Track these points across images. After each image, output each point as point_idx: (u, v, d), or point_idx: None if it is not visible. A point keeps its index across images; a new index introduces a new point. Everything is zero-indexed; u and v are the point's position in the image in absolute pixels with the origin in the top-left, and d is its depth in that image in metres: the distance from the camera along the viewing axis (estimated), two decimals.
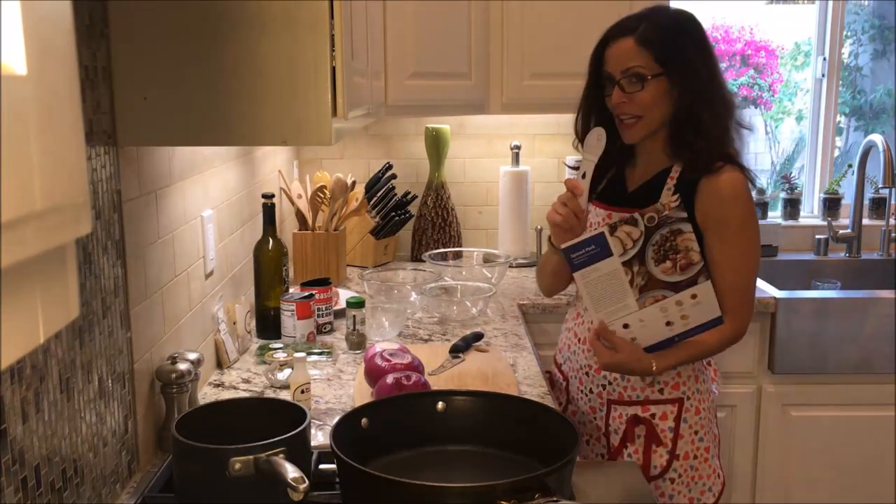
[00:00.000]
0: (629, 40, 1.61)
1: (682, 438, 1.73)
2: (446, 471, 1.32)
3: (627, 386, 1.74)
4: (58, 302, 0.51)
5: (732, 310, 1.65)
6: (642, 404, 1.74)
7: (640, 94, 1.61)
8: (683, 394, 1.73)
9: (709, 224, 1.63)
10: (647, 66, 1.60)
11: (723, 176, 1.61)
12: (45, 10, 0.47)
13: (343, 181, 2.70)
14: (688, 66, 1.61)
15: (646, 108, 1.62)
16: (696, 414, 1.74)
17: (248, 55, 1.32)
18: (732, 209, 1.62)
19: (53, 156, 0.48)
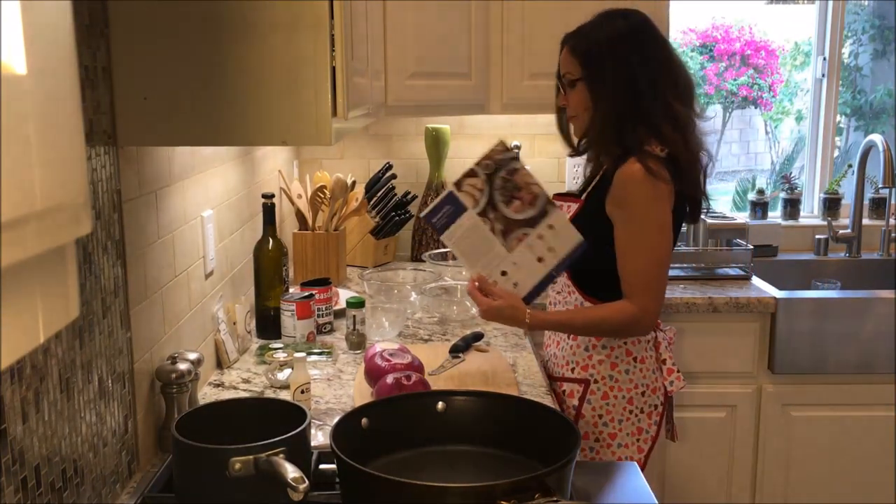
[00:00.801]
0: (566, 49, 1.82)
1: (582, 418, 1.84)
2: (446, 471, 1.32)
3: (556, 363, 1.92)
4: (58, 302, 0.51)
5: (634, 292, 1.73)
6: (559, 380, 1.90)
7: (571, 96, 1.81)
8: (591, 376, 1.84)
9: (613, 213, 1.75)
10: (574, 73, 1.79)
11: (625, 167, 1.71)
12: (45, 10, 0.47)
13: (343, 181, 2.70)
14: (600, 71, 1.75)
15: (577, 108, 1.81)
16: (602, 399, 1.83)
17: (249, 55, 1.32)
18: (629, 195, 1.71)
19: (53, 156, 0.48)
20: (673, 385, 1.87)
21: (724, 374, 2.62)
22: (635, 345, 1.84)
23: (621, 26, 1.78)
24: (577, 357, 1.86)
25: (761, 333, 2.62)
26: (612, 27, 1.78)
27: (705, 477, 2.65)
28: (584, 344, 1.86)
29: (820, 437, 2.66)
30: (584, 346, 1.86)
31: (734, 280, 2.78)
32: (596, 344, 1.84)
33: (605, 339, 1.83)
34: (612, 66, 1.74)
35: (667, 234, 1.75)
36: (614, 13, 1.81)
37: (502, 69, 2.69)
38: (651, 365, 1.86)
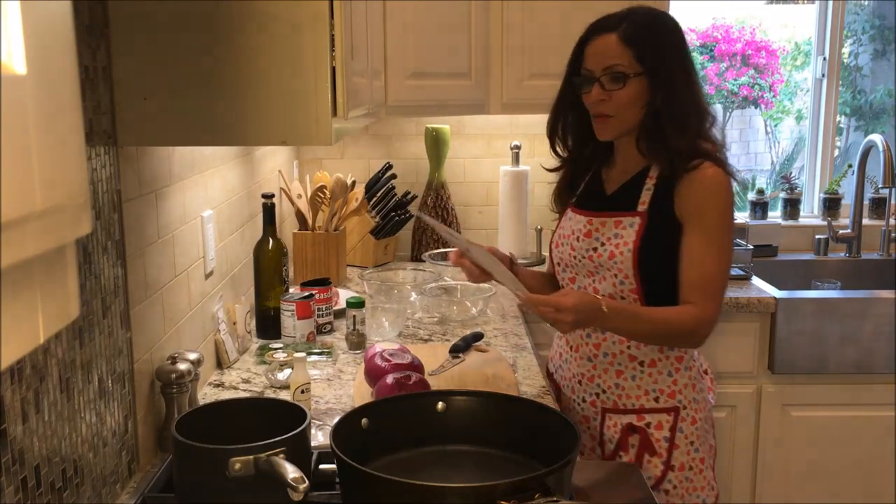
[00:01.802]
0: (612, 37, 1.60)
1: (677, 448, 1.68)
2: (446, 471, 1.32)
3: (622, 394, 1.70)
4: (58, 302, 0.51)
5: (698, 299, 1.59)
6: (637, 413, 1.69)
7: (620, 93, 1.60)
8: (679, 402, 1.69)
9: (686, 217, 1.61)
10: (628, 65, 1.59)
11: (702, 171, 1.59)
12: (45, 10, 0.47)
13: (343, 181, 2.70)
14: (666, 65, 1.60)
15: (622, 107, 1.61)
16: (692, 424, 1.69)
17: (249, 55, 1.32)
18: (710, 202, 1.60)
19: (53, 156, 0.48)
20: (714, 396, 1.81)
21: (724, 374, 2.62)
22: (698, 359, 1.75)
23: (662, 14, 1.67)
24: (660, 384, 1.68)
25: (761, 333, 2.62)
26: (657, 15, 1.66)
27: None
28: (666, 368, 1.68)
29: (820, 437, 2.66)
30: (667, 370, 1.68)
31: (734, 280, 2.77)
32: (679, 366, 1.69)
33: (685, 361, 1.69)
34: (675, 59, 1.61)
35: (733, 243, 1.66)
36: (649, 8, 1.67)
37: (502, 69, 2.69)
38: (706, 379, 1.79)
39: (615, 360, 1.71)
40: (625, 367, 1.70)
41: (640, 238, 1.62)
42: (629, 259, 1.62)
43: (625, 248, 1.63)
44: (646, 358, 1.68)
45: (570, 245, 1.73)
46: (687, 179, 1.60)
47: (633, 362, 1.69)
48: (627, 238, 1.64)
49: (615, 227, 1.66)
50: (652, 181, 1.65)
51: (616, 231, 1.66)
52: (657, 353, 1.68)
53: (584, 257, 1.70)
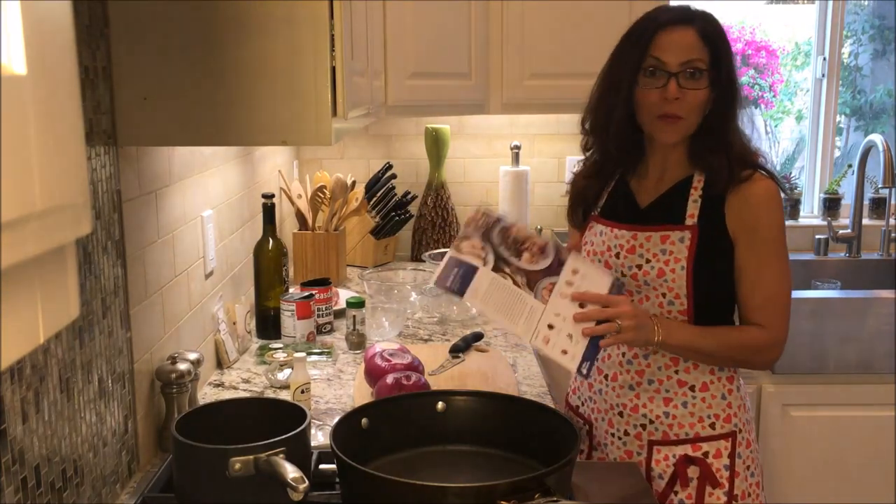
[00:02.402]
0: (691, 31, 1.46)
1: (738, 476, 1.55)
2: (446, 471, 1.32)
3: (674, 423, 1.55)
4: (58, 302, 0.51)
5: (767, 321, 1.51)
6: (692, 442, 1.55)
7: (696, 93, 1.46)
8: (736, 426, 1.56)
9: (741, 234, 1.51)
10: (705, 62, 1.46)
11: (755, 184, 1.50)
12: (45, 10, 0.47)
13: (343, 181, 2.70)
14: (728, 70, 1.50)
15: (694, 108, 1.48)
16: (747, 447, 1.58)
17: (248, 55, 1.32)
18: (767, 217, 1.52)
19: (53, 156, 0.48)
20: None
21: None
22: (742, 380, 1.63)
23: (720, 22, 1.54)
24: (714, 409, 1.55)
25: None
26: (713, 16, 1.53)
27: None
28: (719, 391, 1.56)
29: (820, 437, 2.66)
30: (720, 393, 1.56)
31: None
32: (731, 388, 1.57)
33: (737, 380, 1.59)
34: (731, 60, 1.51)
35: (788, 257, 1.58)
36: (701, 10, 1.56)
37: (502, 69, 2.69)
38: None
39: (662, 387, 1.56)
40: (674, 394, 1.55)
41: (694, 254, 1.50)
42: (682, 277, 1.50)
43: (676, 265, 1.51)
44: (697, 382, 1.55)
45: (606, 262, 1.58)
46: (738, 192, 1.50)
47: (683, 388, 1.55)
48: (679, 254, 1.51)
49: (661, 241, 1.52)
50: (697, 192, 1.53)
51: (663, 246, 1.52)
52: (708, 376, 1.56)
53: (627, 275, 1.55)
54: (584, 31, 2.56)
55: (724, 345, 1.52)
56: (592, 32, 1.72)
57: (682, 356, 1.54)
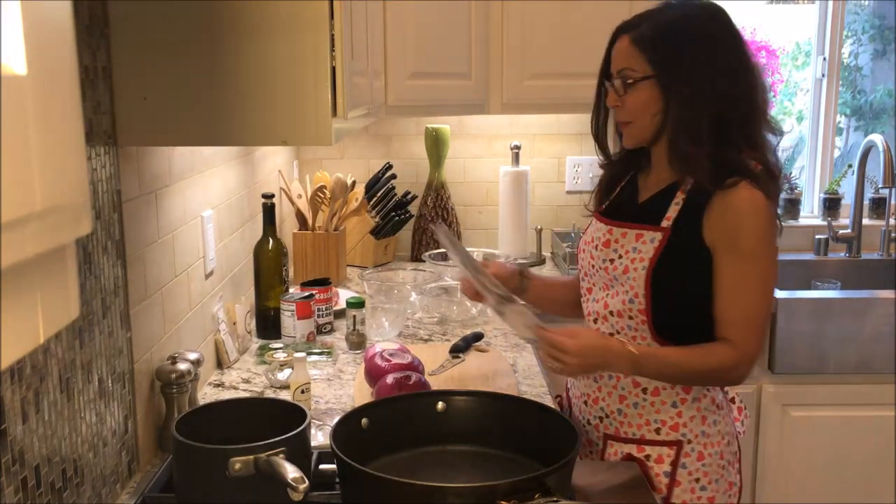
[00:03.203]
0: (625, 39, 1.51)
1: (678, 486, 1.53)
2: (446, 471, 1.32)
3: (624, 421, 1.57)
4: (58, 302, 0.51)
5: (739, 336, 1.47)
6: (638, 443, 1.56)
7: (629, 97, 1.50)
8: (684, 436, 1.54)
9: (718, 245, 1.46)
10: (637, 68, 1.48)
11: (738, 192, 1.44)
12: (45, 10, 0.47)
13: (343, 181, 2.70)
14: (683, 69, 1.46)
15: (634, 112, 1.51)
16: (698, 459, 1.54)
17: (248, 55, 1.32)
18: (747, 229, 1.45)
19: (53, 156, 0.48)
20: (743, 425, 1.67)
21: None
22: (715, 390, 1.59)
23: (699, 13, 1.51)
24: (662, 415, 1.54)
25: None
26: (689, 13, 1.51)
27: None
28: (670, 399, 1.54)
29: (820, 437, 2.66)
30: (671, 401, 1.54)
31: None
32: (686, 397, 1.54)
33: (695, 391, 1.55)
34: (694, 60, 1.46)
35: (776, 272, 1.51)
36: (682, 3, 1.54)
37: (502, 69, 2.69)
38: (727, 408, 1.62)
39: (619, 384, 1.58)
40: (628, 393, 1.57)
41: (658, 256, 1.49)
42: (642, 277, 1.50)
43: (640, 264, 1.51)
44: (650, 385, 1.55)
45: (590, 254, 1.62)
46: (719, 200, 1.45)
47: (637, 388, 1.56)
48: (645, 254, 1.51)
49: (636, 240, 1.53)
50: (682, 196, 1.51)
51: (636, 245, 1.53)
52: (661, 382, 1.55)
53: (601, 268, 1.58)
54: (584, 31, 2.55)
55: (690, 371, 1.50)
56: (592, 32, 1.71)
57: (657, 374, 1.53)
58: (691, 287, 1.50)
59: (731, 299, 1.47)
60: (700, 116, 1.46)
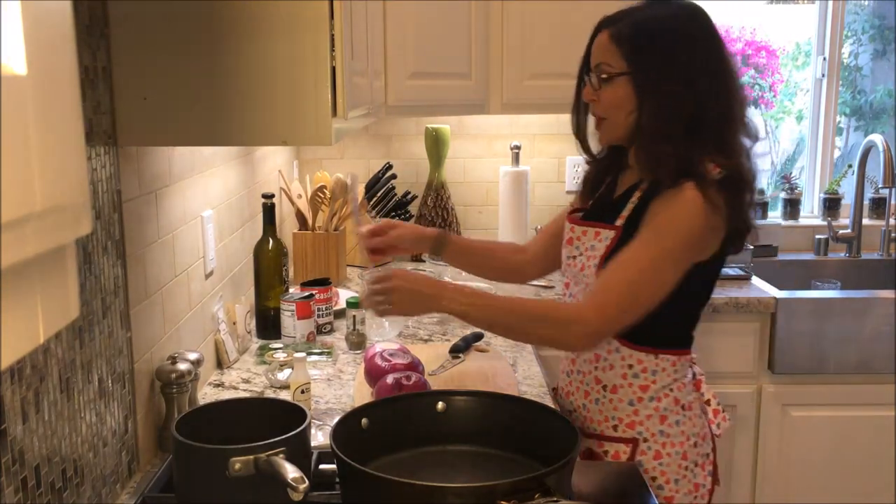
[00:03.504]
0: (605, 34, 1.50)
1: None
2: (446, 471, 1.32)
3: (587, 416, 1.61)
4: (58, 302, 0.51)
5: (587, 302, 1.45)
6: (598, 439, 1.60)
7: (605, 93, 1.50)
8: (640, 434, 1.56)
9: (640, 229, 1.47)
10: (614, 64, 1.48)
11: (680, 191, 1.43)
12: (45, 10, 0.47)
13: (343, 181, 2.70)
14: (659, 68, 1.45)
15: (609, 108, 1.51)
16: (655, 458, 1.56)
17: (249, 55, 1.32)
18: (665, 213, 1.44)
19: (53, 156, 0.48)
20: (720, 427, 1.66)
21: (724, 374, 2.62)
22: (681, 391, 1.58)
23: (680, 12, 1.50)
24: (619, 413, 1.57)
25: (761, 333, 2.62)
26: (667, 12, 1.50)
27: None
28: (627, 397, 1.57)
29: (820, 437, 2.66)
30: (628, 399, 1.57)
31: (734, 280, 2.77)
32: (642, 397, 1.56)
33: (652, 390, 1.56)
34: (672, 60, 1.45)
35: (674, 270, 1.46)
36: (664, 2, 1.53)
37: (502, 69, 2.69)
38: (697, 409, 1.61)
39: (584, 381, 1.63)
40: (591, 389, 1.61)
41: (607, 254, 1.51)
42: (592, 275, 1.53)
43: (593, 262, 1.54)
44: (609, 383, 1.58)
45: (562, 251, 1.67)
46: (662, 197, 1.46)
47: (598, 385, 1.60)
48: (598, 252, 1.54)
49: (594, 238, 1.56)
50: (639, 195, 1.52)
51: (593, 243, 1.56)
52: (620, 380, 1.57)
53: (567, 265, 1.64)
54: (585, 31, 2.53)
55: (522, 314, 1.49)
56: None
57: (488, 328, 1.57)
58: None
59: (609, 268, 1.47)
60: (673, 117, 1.45)
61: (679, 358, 1.59)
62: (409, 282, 1.49)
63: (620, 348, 1.57)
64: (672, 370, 1.58)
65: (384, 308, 1.50)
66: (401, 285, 1.48)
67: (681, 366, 1.59)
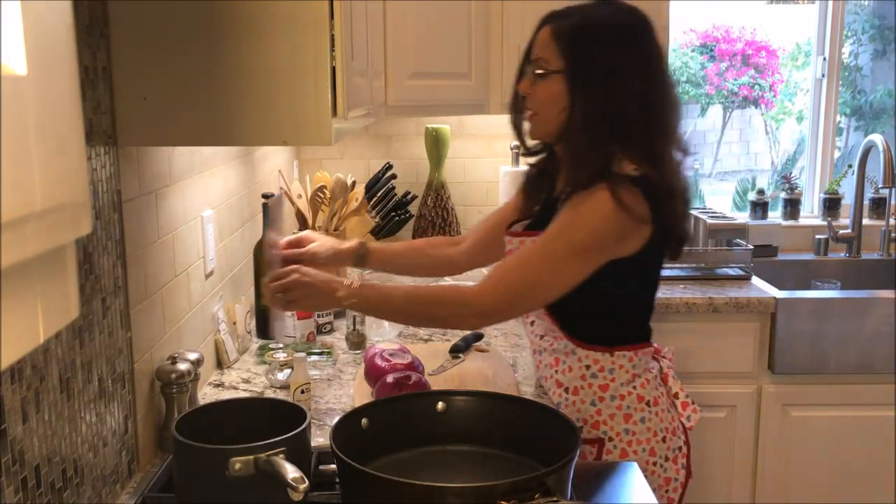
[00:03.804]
0: (547, 29, 1.52)
1: None
2: (446, 471, 1.32)
3: None
4: (58, 302, 0.51)
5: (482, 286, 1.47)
6: None
7: (538, 88, 1.51)
8: (605, 434, 1.57)
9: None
10: (551, 61, 1.49)
11: (591, 193, 1.44)
12: (45, 10, 0.47)
13: (343, 181, 2.70)
14: (593, 71, 1.46)
15: (542, 104, 1.51)
16: (621, 457, 1.57)
17: (249, 55, 1.32)
18: (568, 213, 1.46)
19: (53, 156, 0.48)
20: (690, 420, 1.66)
21: (724, 374, 2.62)
22: (644, 387, 1.59)
23: (623, 18, 1.51)
24: (583, 414, 1.58)
25: (761, 333, 2.62)
26: (612, 16, 1.51)
27: (705, 477, 2.65)
28: (589, 398, 1.58)
29: (820, 437, 2.66)
30: (590, 399, 1.58)
31: (734, 280, 2.78)
32: (603, 396, 1.58)
33: (612, 390, 1.57)
34: (608, 63, 1.46)
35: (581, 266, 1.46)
36: (615, 3, 1.54)
37: (502, 69, 2.69)
38: (665, 404, 1.62)
39: (547, 384, 1.66)
40: (553, 393, 1.64)
41: None
42: None
43: None
44: (570, 385, 1.60)
45: None
46: (576, 195, 1.46)
47: (560, 388, 1.62)
48: None
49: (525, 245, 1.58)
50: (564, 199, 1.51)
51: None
52: (580, 381, 1.59)
53: None
54: None
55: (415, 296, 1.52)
56: None
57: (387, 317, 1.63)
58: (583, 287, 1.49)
59: (511, 256, 1.51)
60: (602, 119, 1.45)
61: (635, 353, 1.59)
62: (307, 276, 1.50)
63: (576, 350, 1.59)
64: (630, 366, 1.59)
65: (284, 304, 1.51)
66: (299, 279, 1.49)
67: (639, 361, 1.60)
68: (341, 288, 1.49)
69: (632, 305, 1.62)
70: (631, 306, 1.62)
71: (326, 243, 1.76)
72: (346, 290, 1.49)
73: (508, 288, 1.47)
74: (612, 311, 1.57)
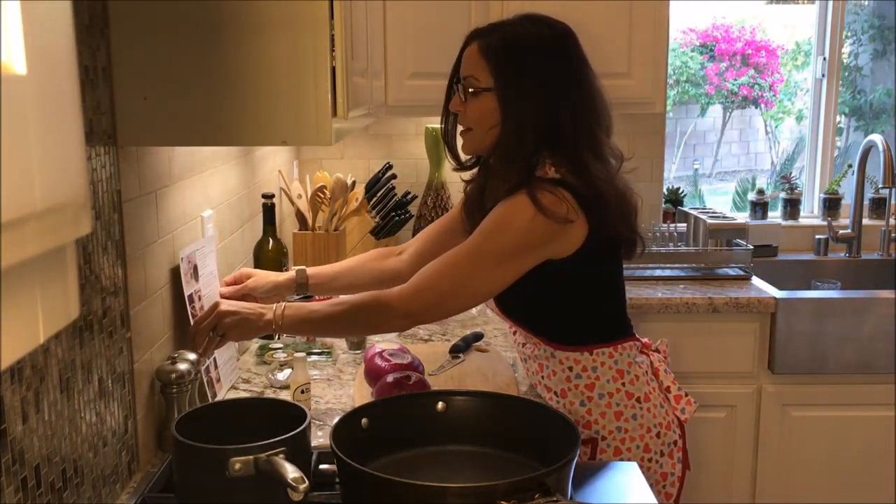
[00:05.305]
0: (475, 46, 1.55)
1: None
2: (446, 471, 1.32)
3: None
4: (58, 302, 0.51)
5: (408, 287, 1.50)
6: None
7: (470, 106, 1.54)
8: (597, 433, 1.58)
9: None
10: (481, 79, 1.52)
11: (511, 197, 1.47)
12: (45, 10, 0.47)
13: (343, 181, 2.70)
14: (523, 86, 1.49)
15: (474, 121, 1.55)
16: (615, 455, 1.58)
17: (249, 55, 1.32)
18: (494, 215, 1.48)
19: (53, 156, 0.48)
20: (685, 413, 1.66)
21: (724, 374, 2.62)
22: (634, 384, 1.59)
23: (547, 32, 1.54)
24: (574, 415, 1.59)
25: (761, 333, 2.62)
26: (537, 31, 1.53)
27: (705, 477, 2.65)
28: (577, 399, 1.59)
29: (820, 437, 2.66)
30: (579, 400, 1.59)
31: (734, 280, 2.78)
32: (591, 395, 1.58)
33: (599, 388, 1.58)
34: (537, 75, 1.49)
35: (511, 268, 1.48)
36: (537, 17, 1.56)
37: None
38: (657, 399, 1.62)
39: (539, 389, 1.68)
40: (545, 396, 1.66)
41: None
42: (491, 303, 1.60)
43: None
44: (557, 388, 1.61)
45: None
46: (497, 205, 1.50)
47: (549, 393, 1.64)
48: None
49: None
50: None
51: None
52: (565, 384, 1.61)
53: None
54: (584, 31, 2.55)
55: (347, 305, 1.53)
56: (592, 34, 1.72)
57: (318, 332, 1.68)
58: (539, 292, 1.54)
59: (435, 261, 1.52)
60: (531, 134, 1.49)
61: (615, 349, 1.60)
62: (231, 306, 1.53)
63: (556, 353, 1.60)
64: (612, 363, 1.59)
65: (217, 339, 1.53)
66: (224, 310, 1.52)
67: (621, 356, 1.60)
68: (267, 311, 1.52)
69: (595, 305, 1.61)
70: (594, 305, 1.61)
71: (263, 278, 1.78)
72: (272, 312, 1.52)
73: (433, 290, 1.49)
74: (577, 312, 1.58)
